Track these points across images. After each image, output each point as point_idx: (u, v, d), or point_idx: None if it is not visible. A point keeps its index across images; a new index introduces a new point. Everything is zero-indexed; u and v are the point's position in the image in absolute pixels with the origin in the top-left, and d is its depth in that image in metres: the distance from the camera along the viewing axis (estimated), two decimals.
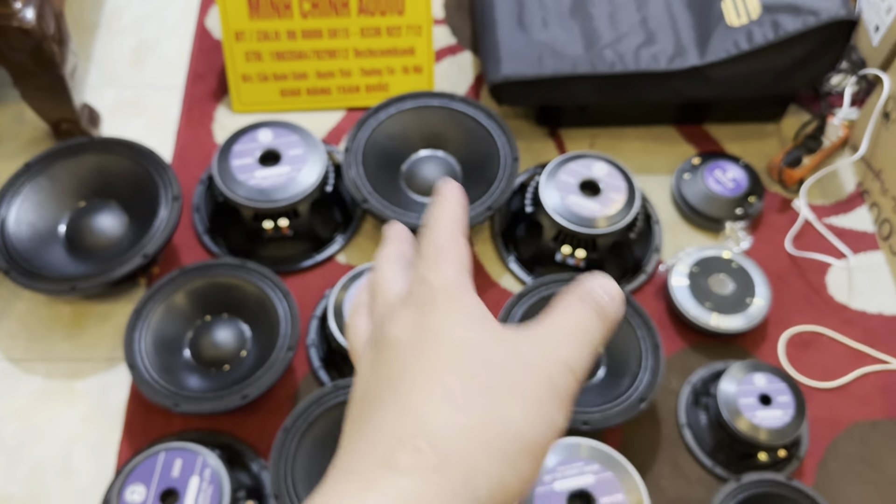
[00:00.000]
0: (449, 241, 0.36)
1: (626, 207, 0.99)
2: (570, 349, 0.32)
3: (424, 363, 0.31)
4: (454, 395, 0.29)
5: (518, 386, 0.30)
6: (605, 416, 0.86)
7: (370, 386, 0.32)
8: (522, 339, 0.32)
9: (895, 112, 1.07)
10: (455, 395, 0.29)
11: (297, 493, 0.81)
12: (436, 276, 0.34)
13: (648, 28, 1.09)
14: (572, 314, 0.33)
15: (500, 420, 0.29)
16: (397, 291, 0.35)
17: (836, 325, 1.03)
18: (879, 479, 0.92)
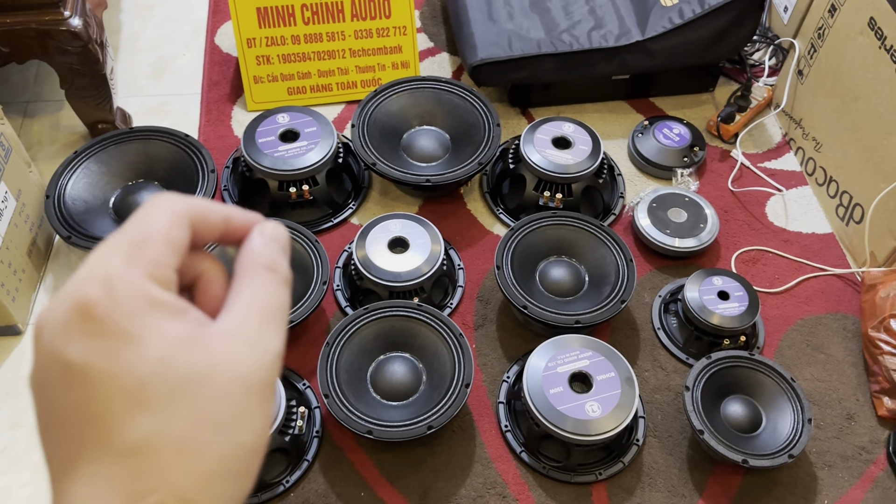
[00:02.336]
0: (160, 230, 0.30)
1: (593, 156, 1.18)
2: (276, 335, 0.31)
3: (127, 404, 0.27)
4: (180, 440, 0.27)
5: (244, 409, 0.29)
6: (593, 315, 1.03)
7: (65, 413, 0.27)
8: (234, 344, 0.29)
9: (806, 69, 1.28)
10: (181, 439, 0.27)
11: (343, 392, 0.95)
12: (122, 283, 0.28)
13: (597, 15, 1.31)
14: (268, 291, 0.32)
15: (234, 450, 0.28)
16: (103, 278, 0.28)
17: (777, 244, 1.22)
18: (826, 360, 1.10)
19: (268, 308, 0.31)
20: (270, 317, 0.31)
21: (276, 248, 0.33)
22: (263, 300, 0.31)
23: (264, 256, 0.32)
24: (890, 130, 1.09)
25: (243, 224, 0.33)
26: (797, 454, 0.93)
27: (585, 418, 0.93)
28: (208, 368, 0.28)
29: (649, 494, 0.97)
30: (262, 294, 0.31)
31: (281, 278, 0.32)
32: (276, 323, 0.31)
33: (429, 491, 0.96)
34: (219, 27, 1.46)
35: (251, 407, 0.29)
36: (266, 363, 0.30)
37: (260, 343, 0.30)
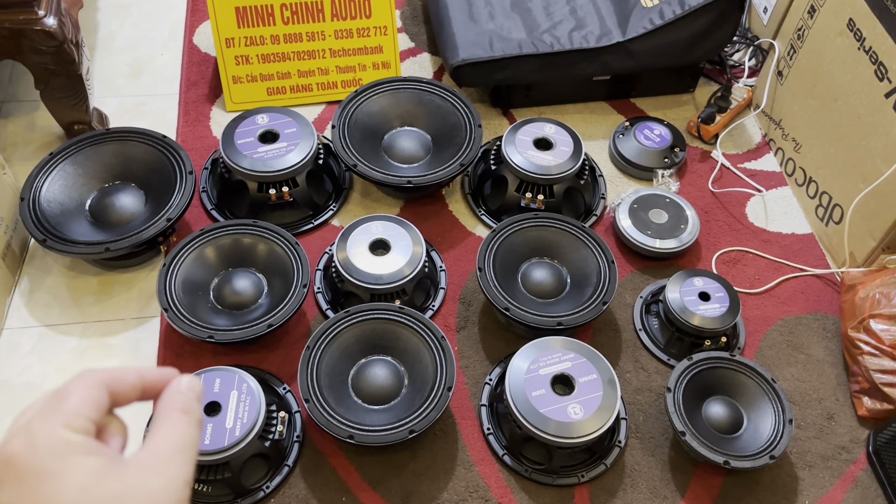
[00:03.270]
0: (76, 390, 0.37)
1: (575, 157, 1.18)
2: (185, 466, 0.36)
3: None
4: None
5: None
6: (575, 317, 1.03)
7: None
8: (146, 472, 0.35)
9: (786, 70, 1.29)
10: None
11: (324, 396, 0.94)
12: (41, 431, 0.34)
13: (578, 16, 1.31)
14: (180, 430, 0.38)
15: None
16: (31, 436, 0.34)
17: (757, 245, 1.22)
18: (807, 360, 1.11)
19: (177, 443, 0.37)
20: (179, 450, 0.37)
21: (190, 397, 0.40)
22: (174, 436, 0.37)
23: (178, 402, 0.39)
24: (869, 131, 1.09)
25: (159, 379, 0.40)
26: (778, 455, 0.93)
27: (568, 420, 0.92)
28: (123, 493, 0.34)
29: (631, 496, 0.97)
30: (174, 431, 0.38)
31: (193, 419, 0.39)
32: (184, 455, 0.37)
33: (411, 495, 0.95)
34: (197, 27, 1.45)
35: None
36: (174, 487, 0.35)
37: (168, 471, 0.36)
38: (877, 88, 1.07)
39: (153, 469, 0.35)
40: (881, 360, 1.02)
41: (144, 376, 0.40)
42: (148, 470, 0.35)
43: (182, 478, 0.36)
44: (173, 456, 0.37)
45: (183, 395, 0.40)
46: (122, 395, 0.39)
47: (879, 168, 1.07)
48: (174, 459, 0.36)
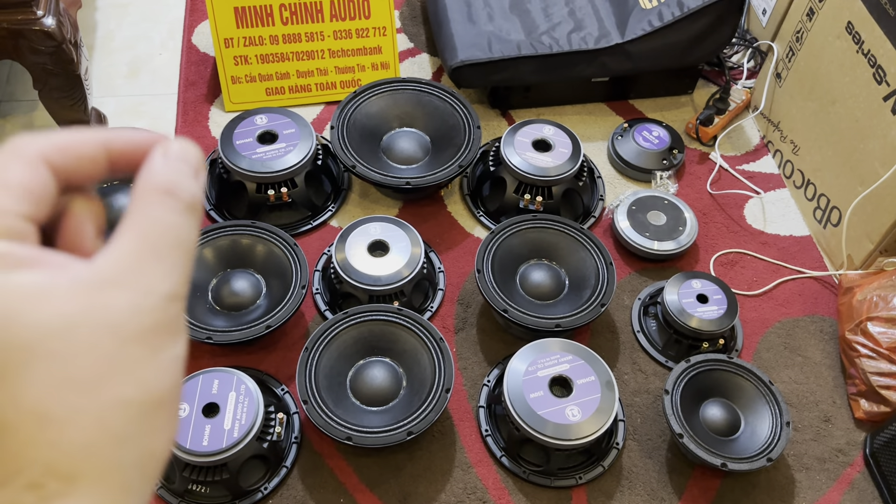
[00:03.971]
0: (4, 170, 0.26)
1: (573, 158, 1.18)
2: (165, 274, 0.25)
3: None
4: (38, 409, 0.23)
5: (121, 362, 0.24)
6: (573, 319, 1.03)
7: None
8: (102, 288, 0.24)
9: (784, 72, 1.29)
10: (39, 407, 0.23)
11: (322, 398, 0.94)
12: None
13: (577, 17, 1.31)
14: (158, 220, 0.26)
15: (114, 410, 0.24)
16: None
17: (755, 247, 1.23)
18: (804, 363, 1.11)
19: (154, 240, 0.26)
20: (157, 251, 0.25)
21: (179, 169, 0.27)
22: (150, 231, 0.26)
23: (160, 177, 0.27)
24: (867, 134, 1.09)
25: (135, 147, 0.28)
26: (776, 457, 0.93)
27: (565, 422, 0.93)
28: (68, 321, 0.24)
29: (629, 498, 0.97)
30: (149, 224, 0.26)
31: (181, 203, 0.27)
32: (165, 258, 0.26)
33: (408, 496, 0.96)
34: (196, 26, 1.45)
35: (130, 358, 0.24)
36: (147, 307, 0.25)
37: (137, 284, 0.25)
38: (875, 91, 1.07)
39: (115, 281, 0.25)
40: (878, 362, 1.02)
41: (110, 142, 0.28)
42: (107, 283, 0.24)
43: (160, 291, 0.25)
44: (147, 259, 0.25)
45: (166, 169, 0.27)
46: (75, 173, 0.27)
47: (877, 171, 1.07)
48: (148, 264, 0.25)
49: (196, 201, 0.28)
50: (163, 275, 0.25)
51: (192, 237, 0.27)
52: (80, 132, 0.28)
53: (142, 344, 0.25)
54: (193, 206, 0.27)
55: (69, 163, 0.27)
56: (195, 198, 0.27)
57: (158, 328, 0.25)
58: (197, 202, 0.28)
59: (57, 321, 0.24)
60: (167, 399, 0.26)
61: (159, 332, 0.25)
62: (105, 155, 0.28)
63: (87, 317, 0.24)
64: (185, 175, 0.27)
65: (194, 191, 0.27)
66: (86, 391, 0.24)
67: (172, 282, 0.26)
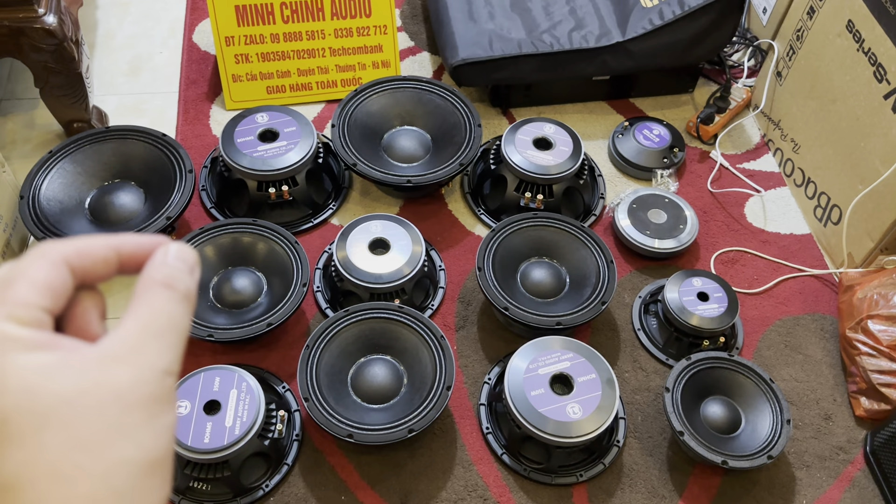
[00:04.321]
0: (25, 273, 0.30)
1: (574, 156, 1.18)
2: (162, 352, 0.30)
3: None
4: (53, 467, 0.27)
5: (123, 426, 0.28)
6: (574, 317, 1.03)
7: None
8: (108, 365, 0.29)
9: (785, 70, 1.29)
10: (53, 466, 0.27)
11: (323, 395, 0.94)
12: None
13: (577, 16, 1.31)
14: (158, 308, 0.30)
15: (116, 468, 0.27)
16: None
17: (756, 245, 1.23)
18: (804, 361, 1.11)
19: (154, 325, 0.30)
20: (156, 333, 0.30)
21: (177, 267, 0.32)
22: (151, 317, 0.30)
23: (161, 273, 0.31)
24: (868, 132, 1.09)
25: (141, 249, 0.33)
26: (776, 455, 0.93)
27: (566, 420, 0.93)
28: (78, 392, 0.28)
29: (630, 496, 0.97)
30: (151, 311, 0.30)
31: (178, 294, 0.31)
32: (162, 339, 0.30)
33: (409, 494, 0.96)
34: (196, 25, 1.45)
35: (132, 423, 0.28)
36: (146, 379, 0.29)
37: (139, 361, 0.29)
38: (876, 90, 1.07)
39: (119, 359, 0.29)
40: (879, 360, 1.02)
41: (120, 247, 0.32)
42: (112, 360, 0.29)
43: (158, 367, 0.29)
44: (147, 340, 0.29)
45: (167, 267, 0.32)
46: (90, 273, 0.32)
47: (878, 169, 1.07)
48: (148, 344, 0.29)
49: (190, 293, 0.32)
50: (160, 353, 0.30)
51: (186, 323, 0.31)
52: (97, 238, 0.32)
53: (141, 411, 0.28)
54: (188, 297, 0.32)
55: (86, 264, 0.32)
56: (190, 290, 0.32)
57: (155, 398, 0.29)
58: (191, 294, 0.32)
59: (69, 392, 0.28)
60: (162, 460, 0.29)
61: (156, 402, 0.29)
62: (116, 257, 0.32)
63: (95, 388, 0.28)
64: (182, 272, 0.32)
65: (189, 284, 0.32)
66: (93, 452, 0.27)
67: (168, 359, 0.30)
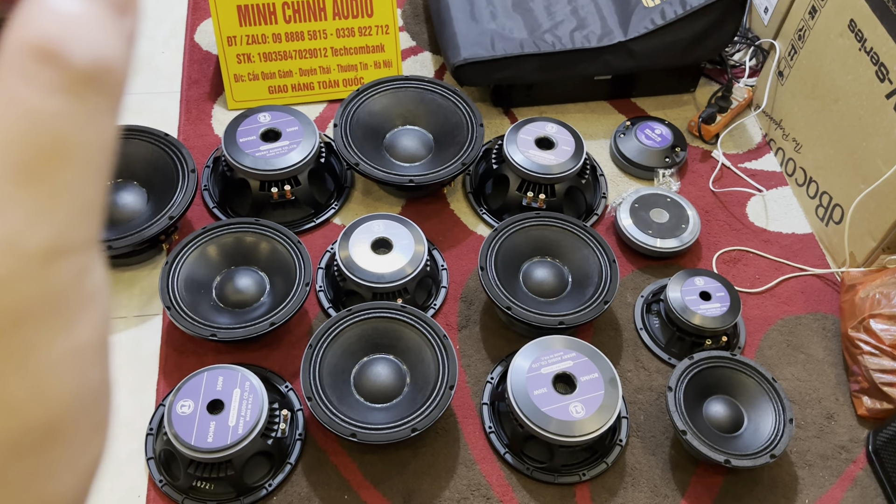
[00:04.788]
0: None
1: (576, 156, 1.18)
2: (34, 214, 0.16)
3: None
4: None
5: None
6: (576, 316, 1.03)
7: None
8: None
9: (787, 70, 1.29)
10: None
11: (326, 395, 0.94)
12: None
13: (579, 15, 1.31)
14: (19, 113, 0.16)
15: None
16: None
17: (758, 244, 1.23)
18: (807, 360, 1.11)
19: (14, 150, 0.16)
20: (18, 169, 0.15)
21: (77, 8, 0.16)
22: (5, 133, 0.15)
23: (37, 27, 0.16)
24: (869, 132, 1.10)
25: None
26: (779, 454, 0.93)
27: (569, 419, 0.93)
28: None
29: (632, 495, 0.97)
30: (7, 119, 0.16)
31: (68, 74, 0.16)
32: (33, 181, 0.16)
33: (413, 493, 0.96)
34: (198, 25, 1.45)
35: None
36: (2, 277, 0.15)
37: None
38: (878, 89, 1.07)
39: None
40: (881, 359, 1.02)
41: None
42: None
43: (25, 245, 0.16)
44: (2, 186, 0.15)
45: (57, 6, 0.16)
46: None
47: (880, 168, 1.07)
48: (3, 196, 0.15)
49: (106, 67, 0.16)
50: (30, 215, 0.15)
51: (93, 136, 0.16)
52: None
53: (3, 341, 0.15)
54: (97, 79, 0.16)
55: None
56: (103, 61, 0.16)
57: (28, 312, 0.16)
58: (108, 69, 0.16)
59: None
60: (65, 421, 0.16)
61: (31, 318, 0.16)
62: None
63: None
64: (90, 16, 0.16)
65: (104, 47, 0.16)
66: None
67: (52, 227, 0.16)
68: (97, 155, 0.16)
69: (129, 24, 0.17)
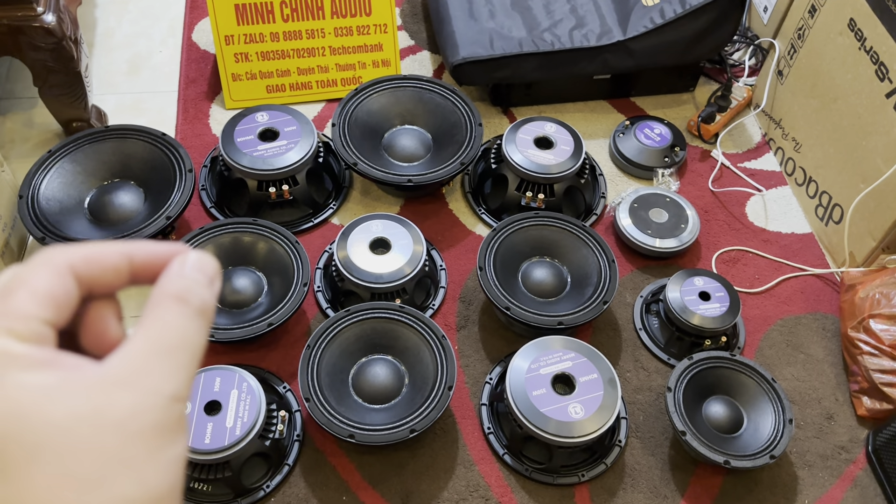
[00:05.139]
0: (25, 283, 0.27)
1: (575, 156, 1.18)
2: (170, 375, 0.26)
3: None
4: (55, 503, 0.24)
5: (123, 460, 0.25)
6: (576, 316, 1.03)
7: None
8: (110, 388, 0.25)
9: (786, 69, 1.29)
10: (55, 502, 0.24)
11: (324, 395, 0.94)
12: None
13: (578, 14, 1.30)
14: (169, 324, 0.27)
15: None
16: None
17: (757, 244, 1.22)
18: (806, 360, 1.11)
19: (164, 343, 0.27)
20: (165, 353, 0.27)
21: (194, 279, 0.29)
22: (161, 335, 0.27)
23: (174, 286, 0.28)
24: (869, 131, 1.09)
25: (156, 258, 0.29)
26: (778, 454, 0.93)
27: (568, 420, 0.92)
28: (76, 419, 0.24)
29: (631, 495, 0.97)
30: (161, 328, 0.27)
31: (192, 309, 0.28)
32: (172, 360, 0.27)
33: (411, 494, 0.95)
34: (196, 24, 1.44)
35: (133, 456, 0.25)
36: (151, 406, 0.26)
37: (144, 384, 0.26)
38: (877, 88, 1.07)
39: (122, 381, 0.25)
40: (881, 359, 1.02)
41: (133, 255, 0.29)
42: (114, 384, 0.25)
43: (165, 391, 0.26)
44: (154, 360, 0.26)
45: (181, 279, 0.29)
46: (98, 282, 0.29)
47: (879, 168, 1.07)
48: (155, 365, 0.26)
49: (207, 307, 0.29)
50: (168, 376, 0.26)
51: (200, 341, 0.28)
52: (107, 244, 0.29)
53: (144, 442, 0.25)
54: (204, 312, 0.28)
55: (94, 272, 0.29)
56: (206, 304, 0.29)
57: (160, 428, 0.26)
58: (208, 308, 0.29)
59: (65, 419, 0.24)
60: (166, 497, 0.26)
61: (161, 432, 0.26)
62: (128, 266, 0.29)
63: (94, 415, 0.25)
64: (199, 283, 0.29)
65: (206, 297, 0.29)
66: (88, 488, 0.24)
67: (177, 383, 0.27)
68: (200, 349, 0.28)
69: (216, 288, 0.30)
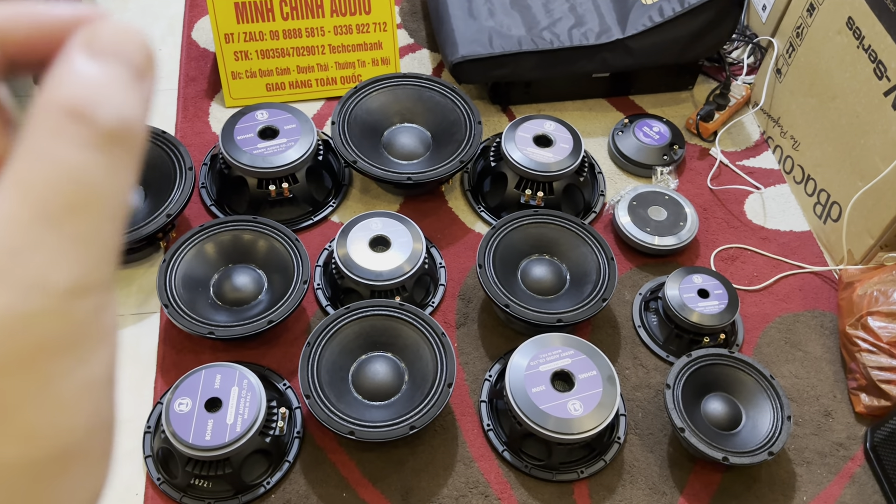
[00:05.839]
0: None
1: (574, 154, 1.18)
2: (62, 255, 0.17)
3: None
4: None
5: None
6: (575, 314, 1.03)
7: None
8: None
9: (785, 68, 1.29)
10: None
11: (324, 392, 0.94)
12: None
13: (577, 13, 1.31)
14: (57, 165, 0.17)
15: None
16: None
17: (756, 242, 1.23)
18: (804, 357, 1.11)
19: (46, 198, 0.16)
20: (49, 216, 0.16)
21: (105, 73, 0.18)
22: (39, 183, 0.17)
23: (69, 89, 0.17)
24: (867, 129, 1.10)
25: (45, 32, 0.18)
26: (777, 451, 0.93)
27: (567, 417, 0.93)
28: None
29: (630, 492, 0.97)
30: (43, 172, 0.17)
31: (96, 132, 0.17)
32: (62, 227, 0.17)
33: (411, 491, 0.96)
34: (196, 22, 1.44)
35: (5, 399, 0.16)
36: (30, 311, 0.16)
37: (13, 274, 0.16)
38: (876, 87, 1.07)
39: None
40: (879, 357, 1.02)
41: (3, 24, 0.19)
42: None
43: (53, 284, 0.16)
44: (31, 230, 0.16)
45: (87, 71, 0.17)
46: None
47: (878, 166, 1.07)
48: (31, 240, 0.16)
49: (127, 127, 0.17)
50: (57, 256, 0.16)
51: (116, 187, 0.17)
52: None
53: (23, 374, 0.16)
54: (120, 137, 0.17)
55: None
56: (126, 121, 0.17)
57: (51, 345, 0.16)
58: (129, 128, 0.18)
59: None
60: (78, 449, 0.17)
61: (54, 351, 0.17)
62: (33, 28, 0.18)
63: None
64: (114, 81, 0.17)
65: (126, 109, 0.17)
66: None
67: (76, 267, 0.17)
68: (117, 203, 0.18)
69: (147, 87, 0.18)
